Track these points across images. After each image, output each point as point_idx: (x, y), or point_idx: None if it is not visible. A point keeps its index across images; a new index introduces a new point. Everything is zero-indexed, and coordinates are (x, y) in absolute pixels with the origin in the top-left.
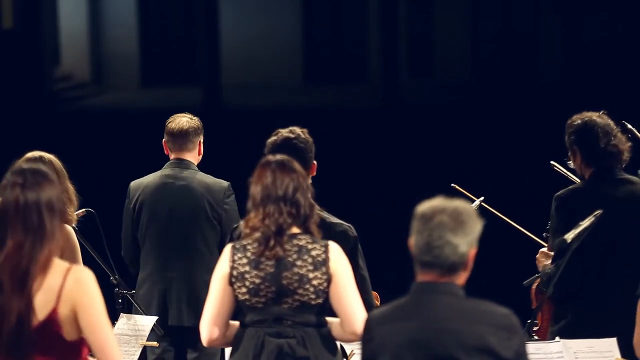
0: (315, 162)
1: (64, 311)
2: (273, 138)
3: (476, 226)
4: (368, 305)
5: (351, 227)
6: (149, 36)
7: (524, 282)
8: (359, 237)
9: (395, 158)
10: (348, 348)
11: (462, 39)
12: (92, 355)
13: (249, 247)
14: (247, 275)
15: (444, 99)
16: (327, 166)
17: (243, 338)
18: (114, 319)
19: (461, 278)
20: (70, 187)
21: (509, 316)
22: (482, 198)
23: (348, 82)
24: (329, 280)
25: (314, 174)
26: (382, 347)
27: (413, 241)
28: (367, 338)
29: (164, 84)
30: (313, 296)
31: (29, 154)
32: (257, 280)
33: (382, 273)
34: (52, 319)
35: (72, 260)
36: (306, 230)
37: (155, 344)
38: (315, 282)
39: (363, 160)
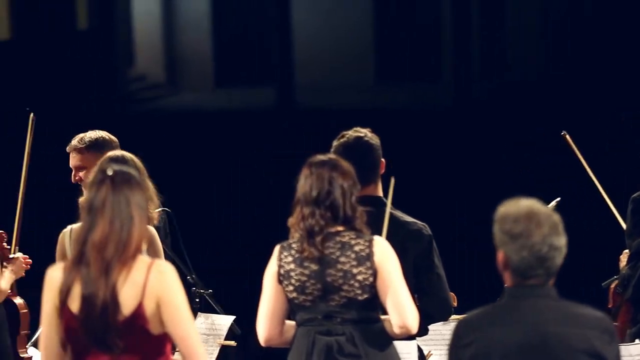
0: (383, 160)
1: (149, 305)
2: (343, 139)
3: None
4: (445, 304)
5: (425, 226)
6: (223, 37)
7: (603, 283)
8: (434, 237)
9: (470, 157)
10: (425, 348)
11: (534, 36)
12: (176, 352)
13: (293, 245)
14: (292, 274)
15: (516, 97)
16: (400, 166)
17: (297, 337)
18: None
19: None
20: (151, 186)
21: (607, 319)
22: (558, 199)
23: (420, 80)
24: (374, 275)
25: (384, 171)
26: (485, 352)
27: (507, 254)
28: (464, 343)
29: (238, 85)
30: (359, 292)
31: (111, 153)
32: (303, 278)
33: (461, 274)
34: (138, 313)
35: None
36: (352, 228)
37: (233, 343)
38: (360, 277)
39: (436, 160)
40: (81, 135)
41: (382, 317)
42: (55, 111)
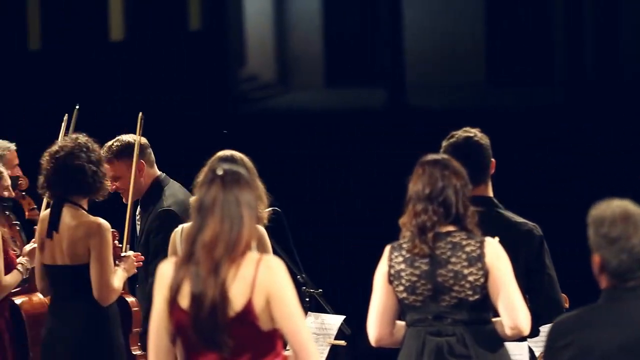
0: (494, 160)
1: (258, 301)
2: (452, 140)
3: None
4: (557, 305)
5: (536, 226)
6: (334, 36)
7: None
8: (546, 238)
9: (578, 157)
10: (537, 350)
11: None
12: (287, 349)
13: (404, 245)
14: (402, 274)
15: (627, 97)
16: (511, 166)
17: (407, 338)
18: None
19: None
20: (261, 186)
21: None
22: None
23: (532, 79)
24: (485, 276)
25: (494, 171)
26: (584, 354)
27: (604, 258)
28: (561, 344)
29: (349, 84)
30: (470, 292)
31: (220, 153)
32: (413, 278)
33: (574, 275)
34: (248, 310)
35: None
36: (463, 228)
37: (342, 342)
38: (471, 278)
39: (546, 159)
40: (108, 143)
41: (494, 318)
42: (167, 111)
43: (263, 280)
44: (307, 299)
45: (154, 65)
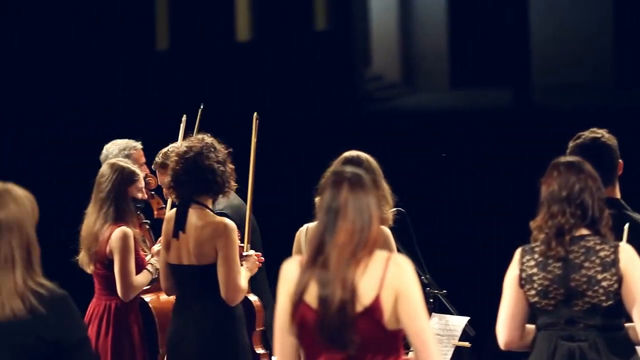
0: (621, 161)
1: (386, 298)
2: (579, 140)
3: None
4: None
5: None
6: (460, 36)
7: None
8: None
9: None
10: None
11: None
12: (409, 351)
13: (536, 249)
14: (535, 277)
15: None
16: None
17: (538, 342)
18: None
19: None
20: (386, 187)
21: None
22: None
23: None
24: (619, 282)
25: (621, 172)
26: None
27: None
28: None
29: (474, 85)
30: (603, 298)
31: (346, 154)
32: (546, 282)
33: None
34: (375, 305)
35: None
36: (596, 232)
37: (467, 344)
38: (604, 284)
39: None
40: (164, 150)
41: (627, 324)
42: (292, 111)
43: (392, 278)
44: (431, 300)
45: (280, 65)
